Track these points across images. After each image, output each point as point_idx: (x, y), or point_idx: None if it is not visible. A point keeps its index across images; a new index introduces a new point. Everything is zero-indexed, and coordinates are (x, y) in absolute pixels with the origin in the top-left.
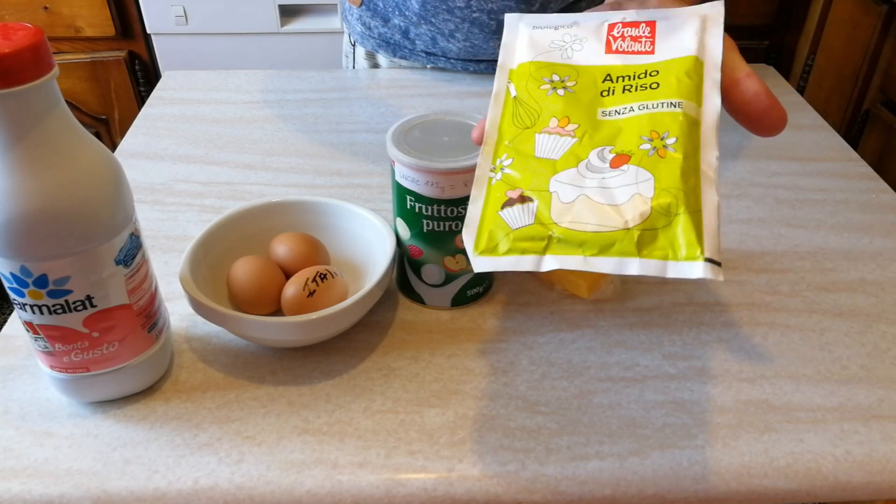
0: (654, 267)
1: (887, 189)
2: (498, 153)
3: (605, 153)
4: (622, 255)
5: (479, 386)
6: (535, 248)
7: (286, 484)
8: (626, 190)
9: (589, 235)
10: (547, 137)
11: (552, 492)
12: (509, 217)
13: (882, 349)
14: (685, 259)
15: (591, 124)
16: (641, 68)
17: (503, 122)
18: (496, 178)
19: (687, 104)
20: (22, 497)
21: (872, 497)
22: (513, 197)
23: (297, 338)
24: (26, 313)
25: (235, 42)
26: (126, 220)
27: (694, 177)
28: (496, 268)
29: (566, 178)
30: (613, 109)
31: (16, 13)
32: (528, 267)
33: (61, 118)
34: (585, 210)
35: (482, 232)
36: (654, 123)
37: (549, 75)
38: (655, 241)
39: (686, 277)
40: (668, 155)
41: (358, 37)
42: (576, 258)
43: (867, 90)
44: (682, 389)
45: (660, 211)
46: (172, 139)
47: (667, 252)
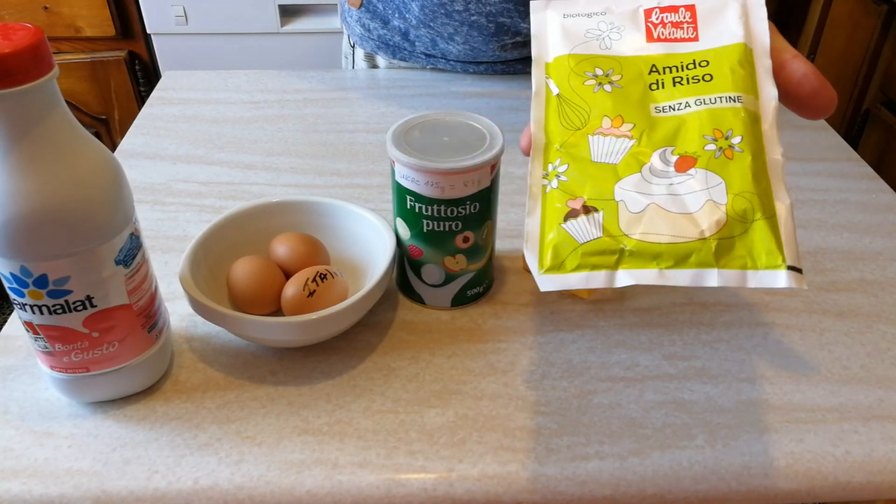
0: (734, 277)
1: (887, 189)
2: (550, 158)
3: (668, 155)
4: (700, 267)
5: (479, 386)
6: (606, 263)
7: (286, 484)
8: (697, 196)
9: (664, 247)
10: (602, 139)
11: (552, 492)
12: (574, 230)
13: (882, 349)
14: (766, 268)
15: (647, 123)
16: (688, 57)
17: (549, 124)
18: (551, 185)
19: (746, 98)
20: (22, 497)
21: (872, 497)
22: (575, 208)
23: (297, 338)
24: (26, 313)
25: (235, 42)
26: (126, 220)
27: (764, 178)
28: (564, 286)
29: (631, 185)
30: (667, 105)
31: (16, 13)
32: (600, 284)
33: (61, 118)
34: (657, 220)
35: (545, 248)
36: (716, 121)
37: (591, 69)
38: (733, 251)
39: (768, 287)
40: (736, 156)
41: (357, 38)
42: (651, 272)
43: (867, 90)
44: (682, 389)
45: (736, 218)
46: (172, 139)
47: (746, 261)
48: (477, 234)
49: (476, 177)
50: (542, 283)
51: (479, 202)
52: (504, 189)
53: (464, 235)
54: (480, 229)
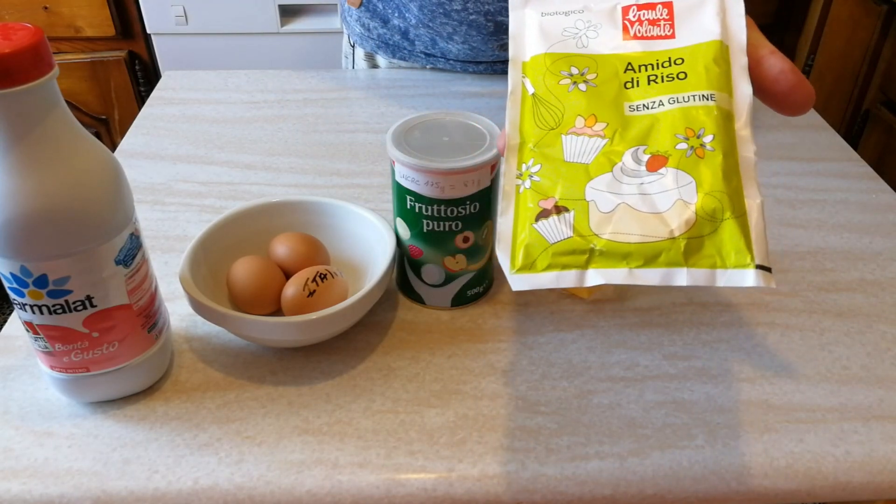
0: (703, 277)
1: (887, 189)
2: (523, 158)
3: (640, 154)
4: (669, 266)
5: (479, 386)
6: (576, 263)
7: (286, 484)
8: (667, 196)
9: (633, 247)
10: (575, 139)
11: (552, 492)
12: (545, 230)
13: (882, 349)
14: (735, 266)
15: (620, 122)
16: (664, 55)
17: (524, 124)
18: (524, 185)
19: (719, 96)
20: (22, 497)
21: (872, 497)
22: (547, 208)
23: (297, 338)
24: (26, 313)
25: (235, 42)
26: (126, 220)
27: (735, 177)
28: (535, 285)
29: (602, 185)
30: (641, 103)
31: (16, 13)
32: (570, 283)
33: (61, 118)
34: (627, 219)
35: (517, 248)
36: (688, 119)
37: (566, 68)
38: (702, 250)
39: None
40: (707, 154)
41: (357, 38)
42: (620, 271)
43: (867, 90)
44: (682, 389)
45: (705, 217)
46: (172, 139)
47: (715, 260)
48: (477, 234)
49: (476, 177)
50: (513, 282)
51: (479, 202)
52: None
53: (464, 235)
54: (480, 229)
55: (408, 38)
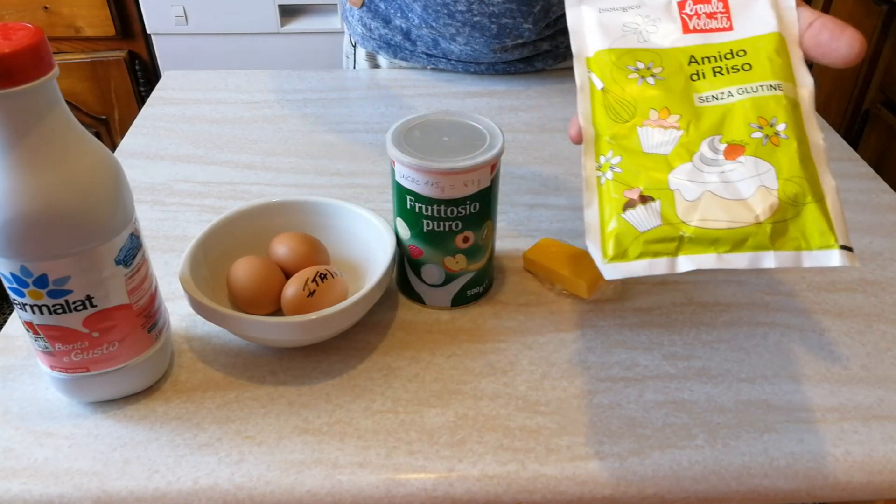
0: (789, 259)
1: (887, 189)
2: (601, 150)
3: (716, 143)
4: (756, 250)
5: (479, 386)
6: (666, 250)
7: (286, 484)
8: (749, 183)
9: (721, 233)
10: (650, 131)
11: (552, 492)
12: (634, 219)
13: (882, 349)
14: (819, 248)
15: (693, 113)
16: (725, 47)
17: (597, 117)
18: (605, 177)
19: (786, 86)
20: (22, 497)
21: (872, 497)
22: (633, 198)
23: (297, 338)
24: (26, 313)
25: (235, 42)
26: (126, 220)
27: (810, 163)
28: (628, 274)
29: (684, 174)
30: (710, 94)
31: (16, 13)
32: (662, 270)
33: (61, 118)
34: (713, 206)
35: (607, 238)
36: (760, 109)
37: (632, 63)
38: (787, 233)
39: (822, 266)
40: (782, 142)
41: (359, 38)
42: (709, 256)
43: (867, 90)
44: (682, 389)
45: (788, 201)
46: (172, 139)
47: (800, 242)
48: (477, 234)
49: (476, 177)
50: (606, 271)
51: (479, 202)
52: (504, 189)
53: (464, 235)
54: (480, 229)
55: (409, 39)
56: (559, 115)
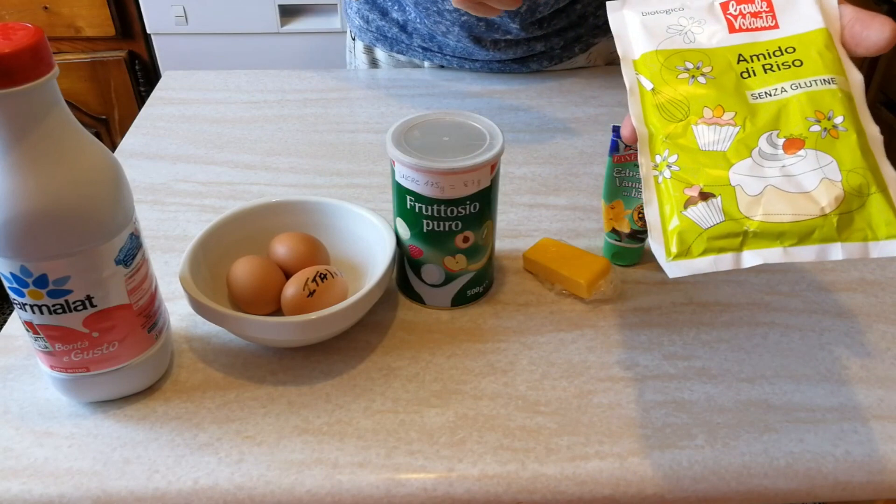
0: (857, 250)
1: None
2: (657, 150)
3: (774, 139)
4: (823, 242)
5: (479, 386)
6: (731, 246)
7: (286, 484)
8: (812, 175)
9: (786, 226)
10: (706, 128)
11: (552, 492)
12: (696, 216)
13: (882, 349)
14: (887, 238)
15: (747, 109)
16: (773, 45)
17: (649, 117)
18: (663, 175)
19: (839, 79)
20: (22, 497)
21: (872, 497)
22: (693, 195)
23: (297, 338)
24: (26, 313)
25: (235, 42)
26: (126, 220)
27: (870, 154)
28: (693, 271)
29: (744, 170)
30: (763, 91)
31: (16, 13)
32: (727, 266)
33: (61, 118)
34: (776, 200)
35: (670, 236)
36: (815, 103)
37: (681, 63)
38: (853, 224)
39: (891, 256)
40: (841, 135)
41: (356, 30)
42: (775, 251)
43: (867, 90)
44: (682, 389)
45: (852, 193)
46: (172, 139)
47: (866, 233)
48: (477, 234)
49: (476, 177)
50: (670, 270)
51: (479, 202)
52: (504, 189)
53: (464, 235)
54: (480, 229)
55: (406, 31)
56: (559, 115)
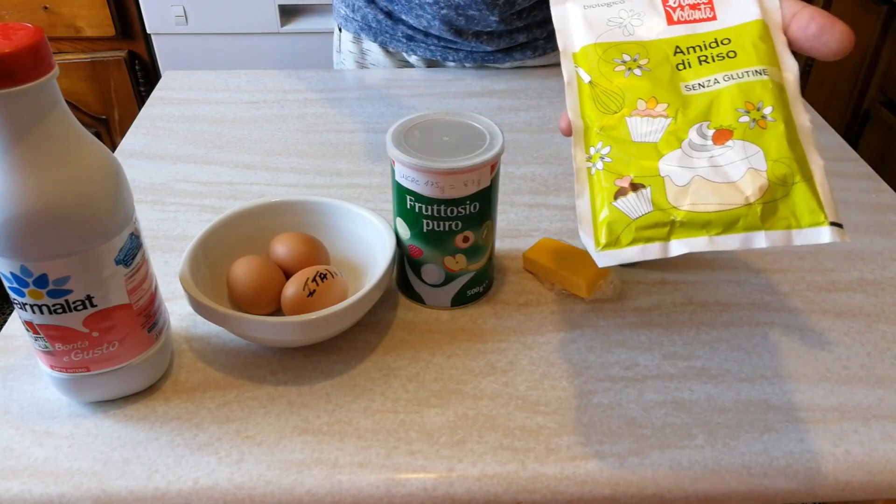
0: (780, 238)
1: (887, 189)
2: (591, 142)
3: (704, 129)
4: (747, 231)
5: (479, 386)
6: (659, 235)
7: (286, 484)
8: (738, 166)
9: (712, 215)
10: (639, 120)
11: (552, 492)
12: (625, 207)
13: (882, 349)
14: (810, 226)
15: (680, 101)
16: (710, 37)
17: (585, 110)
18: (596, 167)
19: (771, 70)
20: (22, 497)
21: (872, 497)
22: (623, 186)
23: (297, 338)
24: (26, 313)
25: (235, 42)
26: (126, 219)
27: (797, 144)
28: (621, 260)
29: (674, 161)
30: (696, 83)
31: (16, 13)
32: (654, 255)
33: (61, 118)
34: (703, 190)
35: (599, 227)
36: (746, 94)
37: (618, 55)
38: (777, 213)
39: (813, 243)
40: (769, 125)
41: (342, 20)
42: (701, 239)
43: (867, 90)
44: (682, 389)
45: (777, 182)
46: (172, 139)
47: (790, 221)
48: (477, 234)
49: (476, 177)
50: (599, 259)
51: (479, 202)
52: (504, 189)
53: (464, 235)
54: (480, 229)
55: (392, 18)
56: (559, 115)
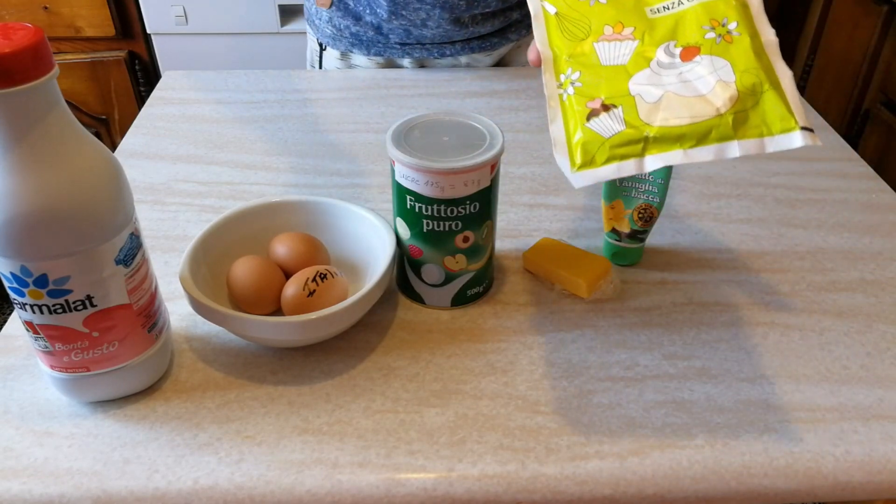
0: (753, 146)
1: (887, 189)
2: (560, 69)
3: (671, 48)
4: (721, 141)
5: (479, 386)
6: (633, 152)
7: (286, 484)
8: (707, 79)
9: (685, 128)
10: (607, 45)
11: (552, 492)
12: (598, 127)
13: (882, 349)
14: (781, 132)
15: (646, 24)
16: None
17: (553, 40)
18: (567, 93)
19: None
20: (22, 497)
21: (872, 497)
22: (595, 107)
23: (297, 338)
24: (26, 313)
25: (235, 42)
26: (126, 219)
27: (764, 55)
28: (598, 179)
29: (643, 79)
30: (661, 6)
31: (16, 13)
32: (630, 171)
33: (61, 118)
34: (674, 105)
35: (574, 148)
36: (710, 12)
37: None
38: (748, 121)
39: (785, 149)
40: (735, 39)
41: (328, 39)
42: (676, 153)
43: (867, 90)
44: (682, 389)
45: (746, 92)
46: (172, 139)
47: (762, 129)
48: (477, 234)
49: (476, 177)
50: (575, 180)
51: (479, 202)
52: (504, 189)
53: (464, 235)
54: (480, 229)
55: (381, 33)
56: None
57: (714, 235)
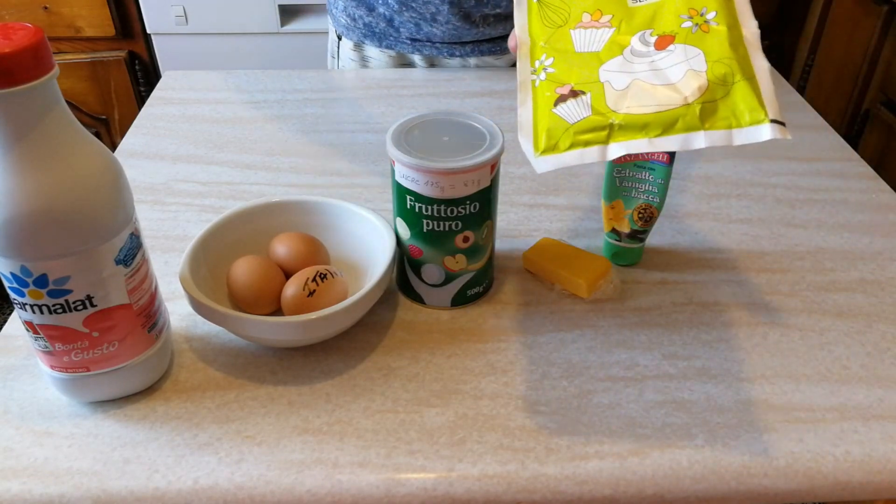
0: (720, 137)
1: (887, 189)
2: (535, 55)
3: (647, 37)
4: (687, 131)
5: (479, 386)
6: (597, 139)
7: (286, 484)
8: (678, 68)
9: (650, 117)
10: (583, 32)
11: (552, 492)
12: (565, 112)
13: (882, 349)
14: (750, 124)
15: (625, 12)
16: None
17: (532, 26)
18: (539, 79)
19: None
20: (22, 497)
21: (872, 497)
22: (564, 93)
23: (297, 338)
24: (26, 313)
25: (235, 42)
26: (126, 219)
27: (741, 46)
28: (560, 165)
29: (614, 67)
30: None
31: (16, 13)
32: (593, 158)
33: (61, 118)
34: (642, 93)
35: (539, 132)
36: (690, 1)
37: None
38: (717, 112)
39: (753, 142)
40: (712, 29)
41: (343, 29)
42: (640, 141)
43: (867, 90)
44: (682, 389)
45: (716, 82)
46: (172, 139)
47: (730, 121)
48: (477, 234)
49: (476, 177)
50: (538, 164)
51: (479, 202)
52: (504, 189)
53: (464, 235)
54: (480, 229)
55: (393, 26)
56: None
57: (714, 235)
